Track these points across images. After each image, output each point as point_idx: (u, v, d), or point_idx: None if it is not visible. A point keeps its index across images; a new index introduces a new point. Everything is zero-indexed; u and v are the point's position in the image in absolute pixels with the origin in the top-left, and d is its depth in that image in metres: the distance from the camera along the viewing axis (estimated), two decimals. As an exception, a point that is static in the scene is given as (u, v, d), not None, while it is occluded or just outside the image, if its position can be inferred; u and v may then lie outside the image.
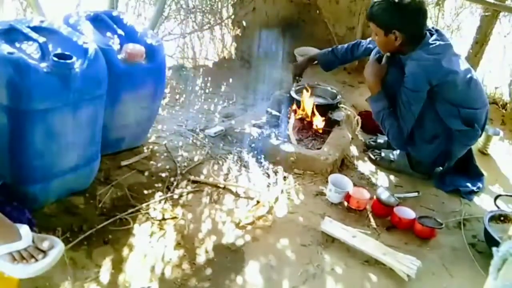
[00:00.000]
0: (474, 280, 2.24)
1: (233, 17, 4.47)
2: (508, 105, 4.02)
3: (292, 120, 3.25)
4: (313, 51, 4.68)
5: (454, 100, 2.76)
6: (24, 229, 1.64)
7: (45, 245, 1.65)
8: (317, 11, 4.78)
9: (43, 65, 1.98)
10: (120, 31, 2.54)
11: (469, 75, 2.78)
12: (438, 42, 2.70)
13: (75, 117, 2.13)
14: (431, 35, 2.76)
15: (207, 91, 3.87)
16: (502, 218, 2.52)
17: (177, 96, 3.66)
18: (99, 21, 2.54)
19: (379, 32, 2.75)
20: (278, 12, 4.58)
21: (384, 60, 2.86)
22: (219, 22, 4.42)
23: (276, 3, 4.51)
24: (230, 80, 4.07)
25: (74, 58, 2.06)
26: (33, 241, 1.64)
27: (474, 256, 2.40)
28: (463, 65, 2.79)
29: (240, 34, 4.52)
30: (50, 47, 2.10)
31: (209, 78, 4.06)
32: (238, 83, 4.02)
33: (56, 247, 1.68)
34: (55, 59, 1.98)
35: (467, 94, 2.79)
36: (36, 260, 1.60)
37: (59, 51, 2.10)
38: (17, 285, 1.70)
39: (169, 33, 4.12)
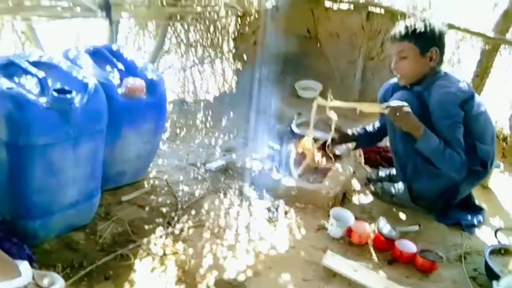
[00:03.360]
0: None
1: (234, 51, 4.51)
2: (508, 138, 4.03)
3: (293, 154, 3.26)
4: (314, 84, 4.74)
5: (475, 134, 2.74)
6: (24, 265, 1.64)
7: (45, 281, 1.65)
8: (318, 45, 4.85)
9: (43, 100, 1.99)
10: (120, 65, 2.56)
11: (483, 108, 2.81)
12: (452, 74, 2.77)
13: (75, 152, 2.13)
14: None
15: (207, 125, 3.89)
16: (502, 252, 2.50)
17: (178, 130, 3.67)
18: (99, 55, 2.56)
19: (413, 53, 2.76)
20: (279, 45, 4.63)
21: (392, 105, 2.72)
22: (220, 56, 4.47)
23: (277, 37, 4.56)
24: (231, 114, 4.09)
25: (74, 93, 2.06)
26: (33, 278, 1.64)
27: (475, 289, 2.38)
28: (477, 97, 2.82)
29: (241, 68, 4.56)
30: (50, 81, 2.12)
31: (210, 112, 4.08)
32: (239, 117, 4.04)
33: (56, 284, 1.68)
34: (55, 94, 1.99)
35: (485, 128, 2.80)
36: None
37: (58, 85, 2.12)
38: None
39: (169, 67, 4.16)
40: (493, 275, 2.29)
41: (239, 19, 4.39)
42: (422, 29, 2.77)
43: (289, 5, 4.62)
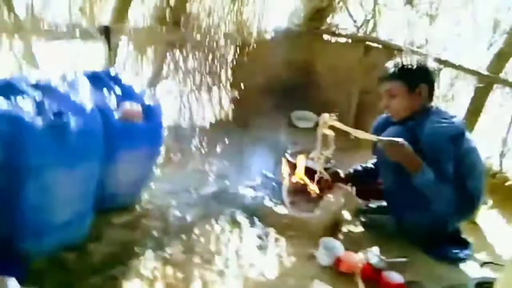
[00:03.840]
0: None
1: (231, 79, 4.57)
2: (497, 174, 4.08)
3: (286, 183, 3.29)
4: (310, 115, 4.80)
5: (464, 169, 2.78)
6: (12, 282, 1.65)
7: None
8: (315, 77, 4.92)
9: (39, 122, 2.02)
10: (117, 90, 2.60)
11: (473, 144, 2.86)
12: (444, 110, 2.83)
13: (70, 174, 2.16)
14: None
15: (202, 151, 3.92)
16: (486, 285, 2.53)
17: (172, 155, 3.70)
18: (96, 79, 2.59)
19: (402, 91, 2.84)
20: (276, 75, 4.70)
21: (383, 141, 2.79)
22: (217, 84, 4.52)
23: (275, 67, 4.64)
24: (226, 141, 4.12)
25: (70, 116, 2.10)
26: None
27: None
28: (468, 133, 2.87)
29: (238, 97, 4.61)
30: (47, 104, 2.14)
31: (205, 139, 4.12)
32: (234, 145, 4.08)
33: None
34: (52, 116, 2.03)
35: (474, 164, 2.84)
36: None
37: (55, 108, 2.14)
38: None
39: (166, 93, 4.20)
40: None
41: (237, 48, 4.45)
42: (409, 67, 2.85)
43: (288, 37, 4.71)
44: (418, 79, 2.86)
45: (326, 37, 4.82)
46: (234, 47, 4.42)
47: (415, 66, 2.88)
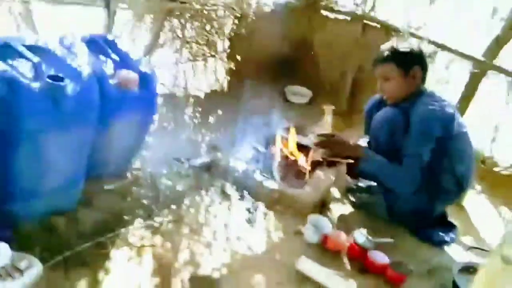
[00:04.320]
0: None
1: (228, 50, 4.54)
2: (487, 160, 4.11)
3: (277, 158, 3.30)
4: (304, 90, 4.80)
5: (454, 153, 2.81)
6: (2, 246, 1.66)
7: (23, 264, 1.67)
8: (312, 52, 4.90)
9: (36, 85, 2.01)
10: (114, 56, 2.58)
11: (464, 129, 2.87)
12: (437, 93, 2.85)
13: (64, 139, 2.16)
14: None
15: (195, 121, 3.91)
16: (471, 270, 2.57)
17: (166, 124, 3.69)
18: (94, 45, 2.57)
19: (397, 74, 2.85)
20: (273, 49, 4.68)
21: None
22: (214, 55, 4.50)
23: (273, 40, 4.62)
24: (220, 112, 4.11)
25: (68, 81, 2.09)
26: (11, 260, 1.66)
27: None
28: (459, 117, 2.89)
29: (234, 68, 4.59)
30: (44, 67, 2.12)
31: (199, 109, 4.10)
32: (227, 116, 4.06)
33: (33, 267, 1.70)
34: (49, 80, 2.02)
35: (464, 148, 2.87)
36: (13, 278, 1.61)
37: (52, 72, 2.13)
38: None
39: (162, 61, 4.17)
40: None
41: (236, 20, 4.42)
42: (403, 50, 2.85)
43: (287, 11, 4.67)
44: (412, 62, 2.87)
45: (324, 13, 4.78)
46: (232, 18, 4.39)
47: (409, 50, 2.88)
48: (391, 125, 2.84)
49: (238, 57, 4.53)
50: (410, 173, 2.74)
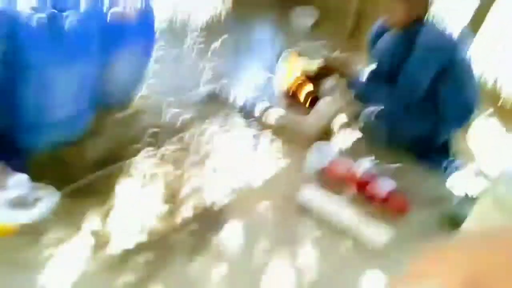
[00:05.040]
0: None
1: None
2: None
3: (283, 84, 3.30)
4: (310, 11, 4.71)
5: (460, 80, 2.80)
6: (22, 177, 1.72)
7: (41, 193, 1.73)
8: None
9: (37, 17, 1.98)
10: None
11: (468, 56, 2.86)
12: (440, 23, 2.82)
13: (66, 72, 2.16)
14: None
15: (201, 47, 3.88)
16: (471, 200, 2.60)
17: (171, 50, 3.66)
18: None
19: None
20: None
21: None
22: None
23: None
24: (226, 36, 4.06)
25: (69, 12, 2.07)
26: (31, 189, 1.72)
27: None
28: (464, 45, 2.86)
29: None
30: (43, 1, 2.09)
31: (204, 34, 4.05)
32: (233, 41, 4.02)
33: (51, 196, 1.77)
34: (48, 14, 1.99)
35: (469, 75, 2.85)
36: (33, 206, 1.68)
37: (51, 5, 2.06)
38: (12, 231, 1.79)
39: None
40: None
41: None
42: None
43: None
44: None
45: None
46: None
47: None
48: (393, 53, 2.83)
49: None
50: (404, 91, 2.76)
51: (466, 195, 2.65)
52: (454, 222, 2.46)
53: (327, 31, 3.54)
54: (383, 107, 3.16)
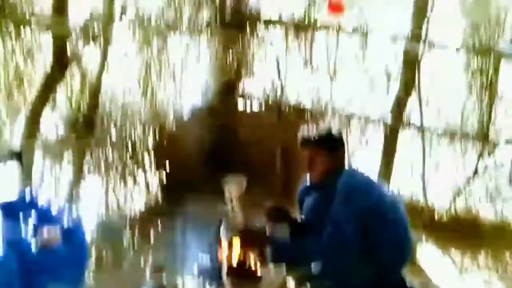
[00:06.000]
0: None
1: (155, 163, 4.53)
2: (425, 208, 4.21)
3: (224, 263, 3.24)
4: (239, 179, 4.79)
5: (389, 224, 2.83)
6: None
7: None
8: (237, 142, 4.97)
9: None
10: (34, 215, 2.52)
11: (392, 198, 2.92)
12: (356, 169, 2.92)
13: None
14: None
15: (135, 244, 3.82)
16: None
17: (105, 256, 3.58)
18: (11, 211, 2.52)
19: (323, 153, 2.87)
20: (198, 150, 4.74)
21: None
22: (142, 169, 4.47)
23: (196, 143, 4.69)
24: (159, 227, 4.04)
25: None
26: None
27: None
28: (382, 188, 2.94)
29: (164, 178, 4.57)
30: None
31: (138, 228, 4.02)
32: (167, 229, 4.00)
33: None
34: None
35: (395, 218, 2.89)
36: None
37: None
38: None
39: (91, 189, 4.10)
40: None
41: (156, 133, 4.45)
42: (326, 132, 2.93)
43: (205, 113, 4.77)
44: (337, 144, 2.93)
45: (241, 105, 4.91)
46: (153, 132, 4.41)
47: (333, 132, 2.95)
48: (318, 207, 2.89)
49: (167, 163, 4.52)
50: (332, 239, 2.75)
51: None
52: None
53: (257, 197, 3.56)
54: (319, 262, 3.15)
